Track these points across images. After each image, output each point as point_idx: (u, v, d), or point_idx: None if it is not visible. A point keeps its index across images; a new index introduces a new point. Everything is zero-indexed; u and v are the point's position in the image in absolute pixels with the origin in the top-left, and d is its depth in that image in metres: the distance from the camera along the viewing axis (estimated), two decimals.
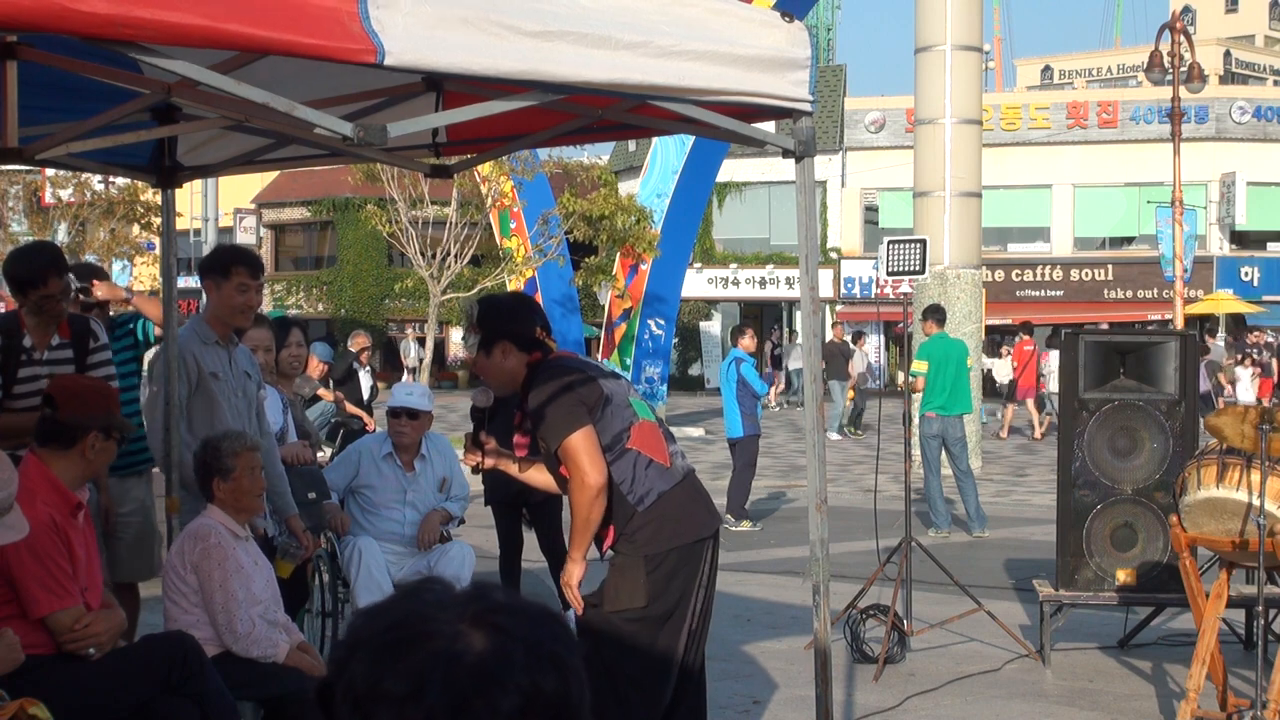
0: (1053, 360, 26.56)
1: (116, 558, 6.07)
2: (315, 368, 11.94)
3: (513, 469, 4.88)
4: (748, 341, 13.38)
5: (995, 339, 32.18)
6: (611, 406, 4.52)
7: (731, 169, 35.20)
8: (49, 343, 5.52)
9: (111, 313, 6.52)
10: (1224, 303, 37.26)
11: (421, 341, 41.43)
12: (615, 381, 4.63)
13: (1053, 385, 26.37)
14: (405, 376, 42.64)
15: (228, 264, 5.65)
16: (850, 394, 25.56)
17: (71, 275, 5.93)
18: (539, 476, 4.86)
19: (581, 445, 4.42)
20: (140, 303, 7.13)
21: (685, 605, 4.57)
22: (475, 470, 4.94)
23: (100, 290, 6.37)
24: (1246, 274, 39.11)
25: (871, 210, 40.99)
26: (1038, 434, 25.15)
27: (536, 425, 4.56)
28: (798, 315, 37.78)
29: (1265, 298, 38.22)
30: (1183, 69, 23.79)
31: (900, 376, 26.27)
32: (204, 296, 5.91)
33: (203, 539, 4.91)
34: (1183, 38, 23.85)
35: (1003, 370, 27.71)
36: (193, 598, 4.90)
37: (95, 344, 5.68)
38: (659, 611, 4.50)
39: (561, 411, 4.46)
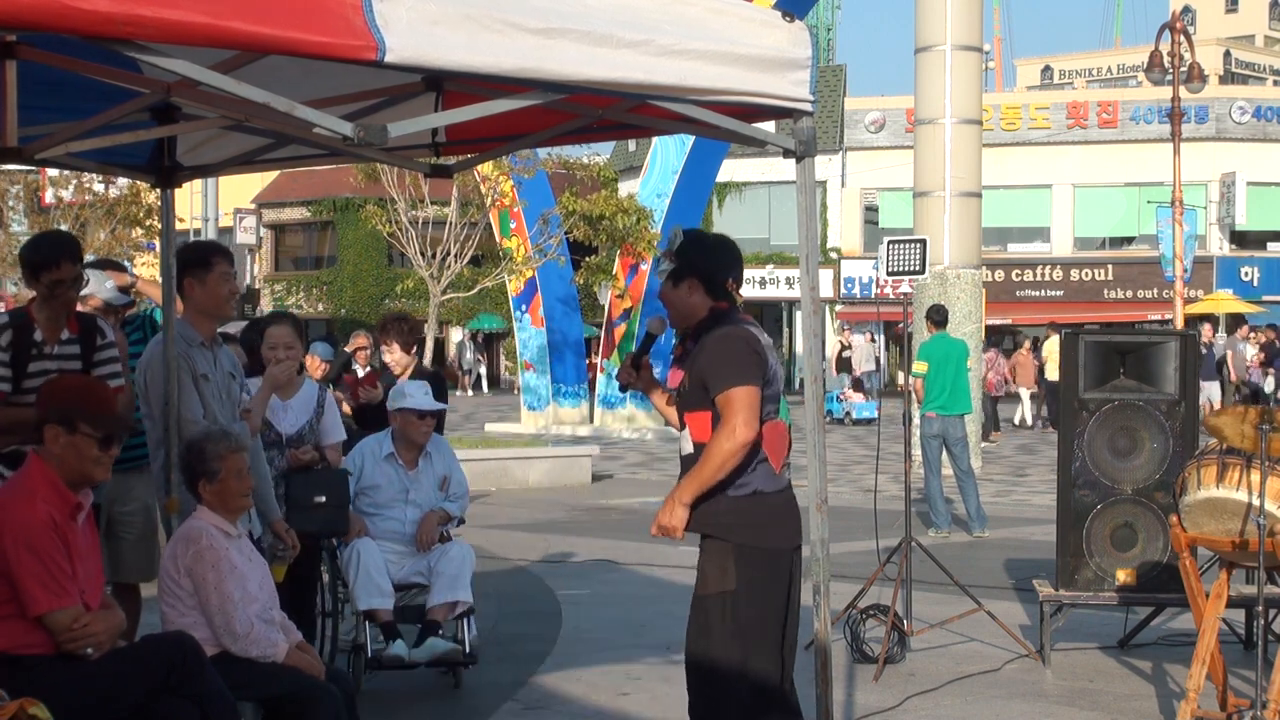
0: None
1: (119, 557, 6.06)
2: (316, 367, 11.94)
3: (660, 400, 4.94)
4: None
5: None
6: (767, 393, 4.53)
7: (731, 169, 35.21)
8: (59, 337, 5.53)
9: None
10: (1224, 303, 37.26)
11: (479, 342, 40.96)
12: (778, 370, 4.65)
13: None
14: (462, 380, 42.24)
15: (206, 256, 5.64)
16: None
17: (90, 272, 5.97)
18: (674, 414, 4.86)
19: (745, 399, 4.42)
20: (145, 288, 7.16)
21: (776, 615, 4.55)
22: (623, 389, 4.98)
23: (113, 279, 6.42)
24: (1246, 274, 39.12)
25: (871, 210, 41.01)
26: None
27: (702, 362, 4.54)
28: (798, 315, 37.79)
29: (1265, 298, 38.23)
30: (1183, 69, 23.78)
31: (900, 376, 26.19)
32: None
33: (194, 542, 4.89)
34: (1183, 38, 23.85)
35: None
36: (188, 601, 4.88)
37: (102, 341, 5.69)
38: (751, 606, 4.48)
39: (738, 361, 4.47)
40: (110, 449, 4.50)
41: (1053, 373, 25.42)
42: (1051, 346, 25.99)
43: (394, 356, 7.98)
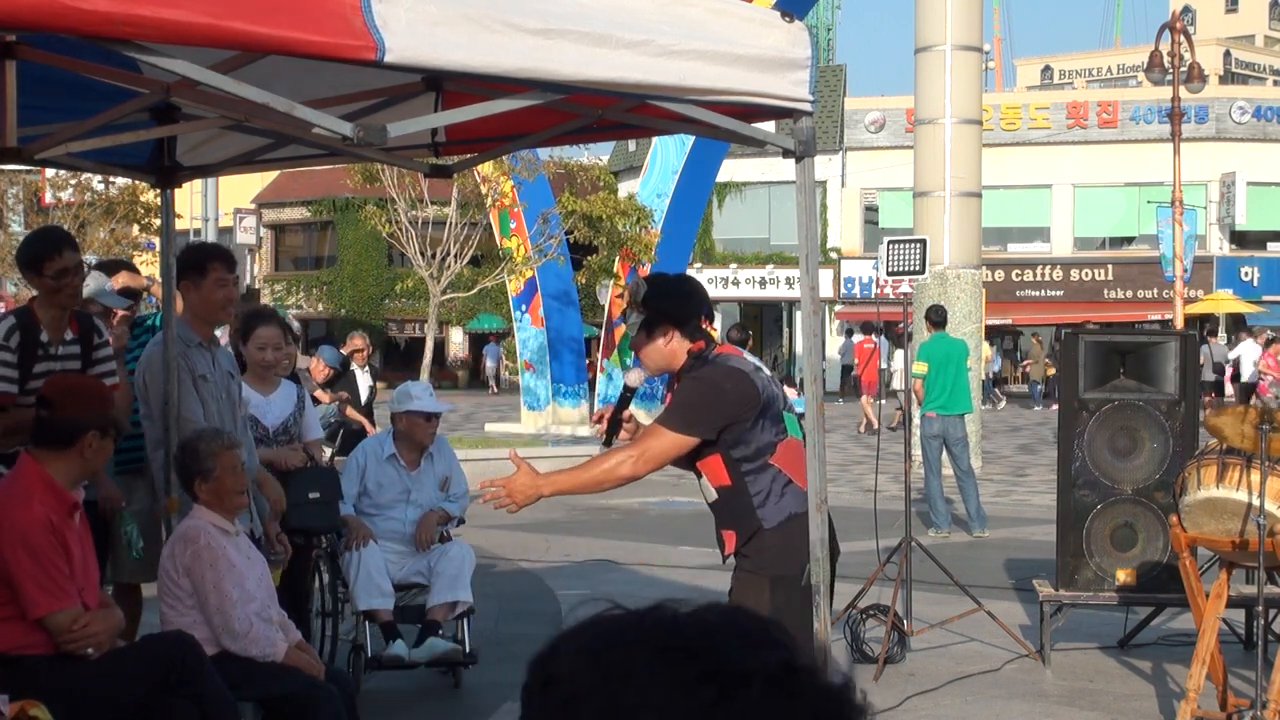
0: (898, 359, 26.44)
1: (120, 558, 6.06)
2: (320, 371, 12.00)
3: None
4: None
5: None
6: (768, 416, 4.41)
7: (731, 169, 35.19)
8: (63, 337, 5.53)
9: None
10: (1224, 303, 37.27)
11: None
12: (774, 390, 4.50)
13: (896, 382, 26.26)
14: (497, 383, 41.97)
15: (202, 261, 5.63)
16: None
17: (91, 274, 5.97)
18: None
19: (665, 447, 4.35)
20: (160, 289, 7.19)
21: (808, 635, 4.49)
22: (606, 442, 4.80)
23: (121, 278, 6.41)
24: (1246, 274, 39.12)
25: (871, 210, 41.01)
26: (875, 426, 25.24)
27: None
28: (798, 315, 37.77)
29: (1265, 298, 38.23)
30: (1183, 69, 23.78)
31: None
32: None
33: (192, 541, 4.89)
34: (1183, 38, 23.84)
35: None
36: (188, 600, 4.89)
37: (99, 340, 5.70)
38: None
39: (693, 407, 4.38)
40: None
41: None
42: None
43: None
